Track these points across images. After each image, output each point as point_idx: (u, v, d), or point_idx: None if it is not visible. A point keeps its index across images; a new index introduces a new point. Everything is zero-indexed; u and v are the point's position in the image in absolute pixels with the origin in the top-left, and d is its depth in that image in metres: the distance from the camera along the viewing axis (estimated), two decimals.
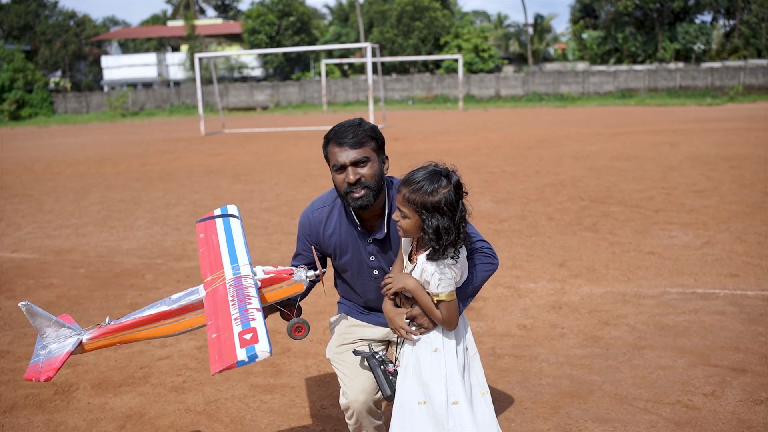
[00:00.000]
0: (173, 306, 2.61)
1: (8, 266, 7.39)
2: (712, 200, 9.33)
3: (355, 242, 2.88)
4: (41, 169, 16.61)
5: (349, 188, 2.67)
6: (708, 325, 4.93)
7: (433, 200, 2.39)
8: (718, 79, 41.40)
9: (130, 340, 2.62)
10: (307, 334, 2.61)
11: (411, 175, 2.46)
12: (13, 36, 56.12)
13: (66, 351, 2.51)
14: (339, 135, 2.67)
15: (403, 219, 2.49)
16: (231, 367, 2.20)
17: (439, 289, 2.49)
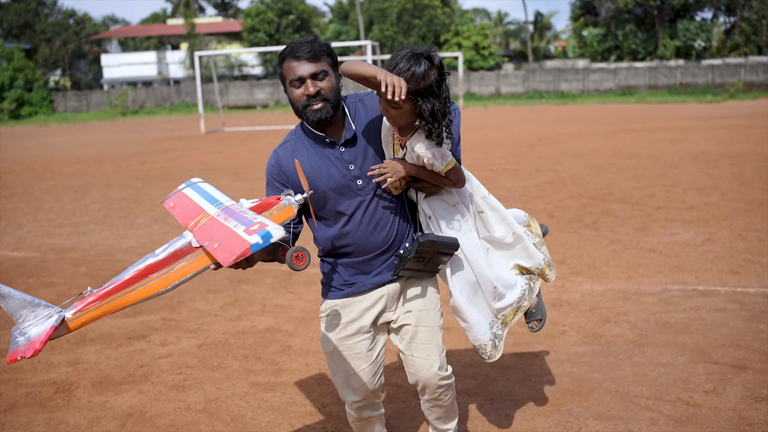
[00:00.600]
0: (160, 257, 2.34)
1: (8, 265, 7.39)
2: (713, 197, 9.32)
3: (327, 158, 2.72)
4: (41, 167, 16.61)
5: (307, 101, 2.61)
6: (709, 323, 4.93)
7: (426, 83, 2.38)
8: (718, 77, 41.34)
9: (120, 307, 2.32)
10: (308, 264, 2.43)
11: (394, 63, 2.41)
12: (12, 35, 56.07)
13: (49, 326, 2.22)
14: (295, 49, 2.60)
15: (392, 109, 2.45)
16: (245, 254, 2.03)
17: (443, 164, 2.53)
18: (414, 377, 2.91)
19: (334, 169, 2.70)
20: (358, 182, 2.71)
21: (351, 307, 2.86)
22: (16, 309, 2.24)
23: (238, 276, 6.64)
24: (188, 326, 5.36)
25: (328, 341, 2.91)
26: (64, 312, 2.27)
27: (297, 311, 5.61)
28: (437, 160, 2.51)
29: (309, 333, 5.11)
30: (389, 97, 2.32)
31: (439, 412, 3.02)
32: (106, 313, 2.30)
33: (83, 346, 5.01)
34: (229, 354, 4.77)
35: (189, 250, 2.34)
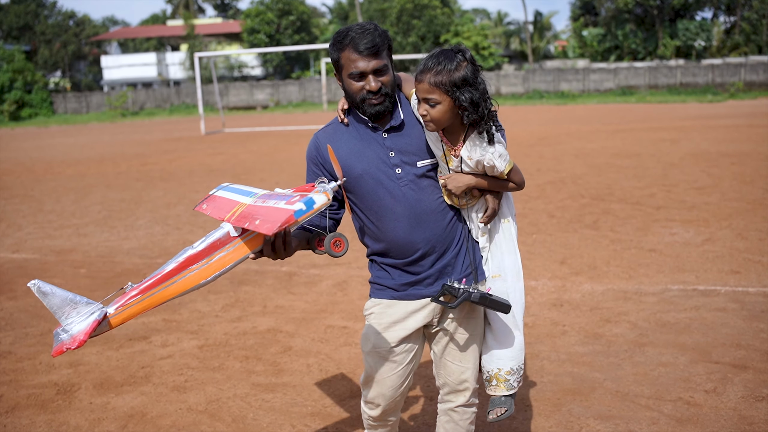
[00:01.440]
0: (198, 248, 2.32)
1: (9, 267, 7.39)
2: (713, 197, 9.33)
3: (368, 143, 2.64)
4: (42, 169, 16.62)
5: (367, 95, 2.55)
6: (709, 322, 4.93)
7: (460, 74, 2.37)
8: (718, 76, 41.33)
9: (161, 301, 2.30)
10: (346, 250, 2.40)
11: (426, 62, 2.42)
12: (12, 36, 56.09)
13: (93, 320, 2.20)
14: (358, 41, 2.49)
15: (432, 108, 2.41)
16: (289, 221, 2.00)
17: (504, 165, 2.47)
18: (442, 379, 2.83)
19: (373, 153, 2.62)
20: (397, 171, 2.60)
21: (395, 308, 2.74)
22: (58, 306, 2.23)
23: (238, 277, 6.64)
24: (189, 327, 5.36)
25: (367, 340, 2.79)
26: (106, 308, 2.25)
27: (298, 312, 5.61)
28: (497, 160, 2.44)
29: (310, 334, 5.11)
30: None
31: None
32: (148, 307, 2.29)
33: (84, 347, 5.01)
34: (230, 355, 4.78)
35: (228, 240, 2.33)
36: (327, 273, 6.66)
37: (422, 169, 2.62)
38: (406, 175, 2.61)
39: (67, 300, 2.22)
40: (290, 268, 6.90)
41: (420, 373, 4.33)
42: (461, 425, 2.87)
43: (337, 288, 6.21)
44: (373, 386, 2.80)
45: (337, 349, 4.81)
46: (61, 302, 2.22)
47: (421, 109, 2.45)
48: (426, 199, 2.62)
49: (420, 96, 2.43)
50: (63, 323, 2.23)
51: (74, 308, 2.23)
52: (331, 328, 5.20)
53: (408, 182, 2.61)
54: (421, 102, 2.44)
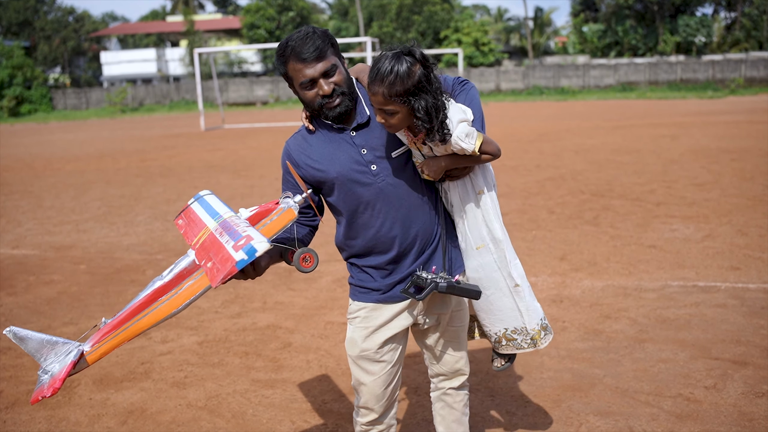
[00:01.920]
0: (167, 279, 2.34)
1: (9, 263, 7.39)
2: (713, 193, 9.32)
3: (339, 143, 2.58)
4: (41, 165, 16.61)
5: (323, 100, 2.50)
6: (709, 318, 4.93)
7: (413, 82, 2.30)
8: (719, 72, 41.30)
9: (136, 333, 2.32)
10: (316, 266, 2.38)
11: (377, 69, 2.34)
12: (11, 32, 56.04)
13: (69, 362, 2.24)
14: (299, 50, 2.44)
15: (390, 117, 2.36)
16: (232, 272, 2.03)
17: (473, 143, 2.42)
18: (436, 369, 2.85)
19: (345, 155, 2.56)
20: (372, 168, 2.55)
21: (380, 311, 2.71)
22: (36, 349, 2.28)
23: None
24: (189, 323, 5.36)
25: (354, 345, 2.75)
26: (82, 346, 2.29)
27: (297, 308, 5.61)
28: (463, 142, 2.40)
29: (309, 330, 5.11)
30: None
31: (450, 419, 2.91)
32: (123, 341, 2.32)
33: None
34: (229, 351, 4.78)
35: (194, 268, 2.34)
36: (327, 269, 6.66)
37: (398, 159, 2.57)
38: (382, 171, 2.56)
39: (44, 342, 2.28)
40: None
41: (419, 369, 4.33)
42: (456, 407, 2.90)
43: (336, 284, 6.21)
44: (364, 390, 2.76)
45: (336, 345, 4.81)
46: (39, 345, 2.28)
47: (379, 118, 2.40)
48: (405, 195, 2.59)
49: (376, 107, 2.38)
50: (42, 365, 2.29)
51: (52, 349, 2.29)
52: (331, 325, 5.20)
53: (385, 177, 2.56)
54: (377, 110, 2.39)
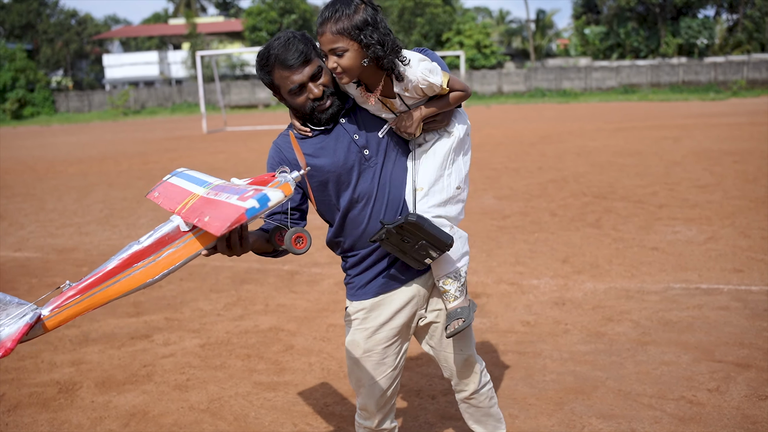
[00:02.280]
0: (145, 244, 2.10)
1: (11, 265, 7.39)
2: (716, 195, 9.31)
3: (331, 135, 2.58)
4: (43, 168, 16.62)
5: (315, 104, 2.49)
6: (712, 321, 4.92)
7: (360, 17, 2.31)
8: (721, 74, 41.28)
9: (103, 301, 2.08)
10: (309, 246, 2.27)
11: (323, 13, 2.33)
12: (14, 35, 56.14)
13: (23, 324, 1.97)
14: (282, 56, 2.42)
15: (340, 58, 2.33)
16: (240, 220, 1.85)
17: (440, 78, 2.42)
18: (448, 371, 2.82)
19: (341, 144, 2.56)
20: (365, 152, 2.56)
21: (380, 310, 2.68)
22: None
23: (240, 276, 6.64)
24: (191, 326, 5.36)
25: (357, 346, 2.72)
26: (40, 309, 2.03)
27: (300, 311, 5.61)
28: (431, 76, 2.39)
29: (312, 332, 5.10)
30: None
31: (478, 415, 2.89)
32: (89, 308, 2.07)
33: (86, 346, 5.02)
34: (231, 353, 4.77)
35: (177, 235, 2.14)
36: (329, 271, 6.66)
37: (385, 137, 2.58)
38: (373, 153, 2.57)
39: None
40: (292, 266, 6.90)
41: (422, 372, 4.33)
42: (483, 406, 2.88)
43: (338, 286, 6.21)
44: (364, 393, 2.75)
45: (338, 347, 4.81)
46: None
47: (330, 62, 2.36)
48: (399, 174, 2.59)
49: (326, 49, 2.34)
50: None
51: (3, 309, 2.01)
52: (333, 327, 5.19)
53: (378, 159, 2.57)
54: (328, 56, 2.36)
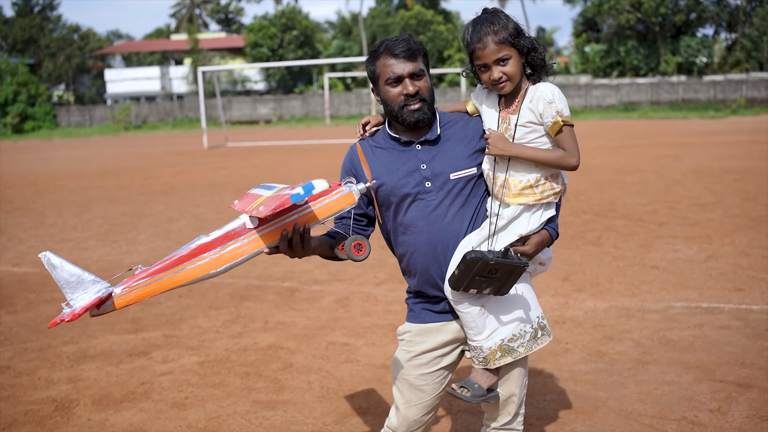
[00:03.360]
0: (212, 237, 2.31)
1: (9, 280, 7.37)
2: (716, 213, 9.30)
3: (401, 154, 2.61)
4: (44, 182, 16.63)
5: (405, 101, 2.53)
6: (713, 340, 4.89)
7: (513, 25, 2.45)
8: (720, 92, 41.39)
9: (169, 287, 2.28)
10: (368, 254, 2.39)
11: (478, 30, 2.45)
12: (17, 50, 56.31)
13: (95, 297, 2.22)
14: (392, 46, 2.51)
15: (504, 66, 2.44)
16: (284, 204, 2.06)
17: (565, 111, 2.49)
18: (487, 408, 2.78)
19: (405, 167, 2.58)
20: (426, 184, 2.56)
21: (425, 337, 2.68)
22: (65, 280, 2.24)
23: (240, 293, 6.62)
24: (190, 343, 5.33)
25: (397, 366, 2.75)
26: (112, 288, 2.26)
27: (299, 328, 5.58)
28: (559, 99, 2.47)
29: (311, 350, 5.08)
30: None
31: None
32: (155, 292, 2.27)
33: (84, 362, 4.99)
34: (230, 371, 4.75)
35: (243, 231, 2.31)
36: (329, 289, 6.64)
37: (454, 181, 2.57)
38: (435, 188, 2.57)
39: (75, 275, 2.24)
40: (292, 283, 6.88)
41: None
42: None
43: (338, 304, 6.18)
44: (397, 414, 2.75)
45: (338, 366, 4.78)
46: (69, 276, 2.23)
47: (495, 73, 2.44)
48: (449, 221, 2.57)
49: (489, 60, 2.44)
50: (68, 298, 2.24)
51: (80, 284, 2.24)
52: (333, 345, 5.17)
53: (436, 196, 2.56)
54: (491, 67, 2.45)
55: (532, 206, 2.52)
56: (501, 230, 2.52)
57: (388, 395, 4.27)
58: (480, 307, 2.54)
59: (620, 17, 46.00)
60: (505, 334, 2.57)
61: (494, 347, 2.57)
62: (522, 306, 2.60)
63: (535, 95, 2.47)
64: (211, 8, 65.82)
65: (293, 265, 7.55)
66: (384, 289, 6.52)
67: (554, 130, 2.46)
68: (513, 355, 2.57)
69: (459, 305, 2.55)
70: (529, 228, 2.52)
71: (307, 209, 2.34)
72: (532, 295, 2.64)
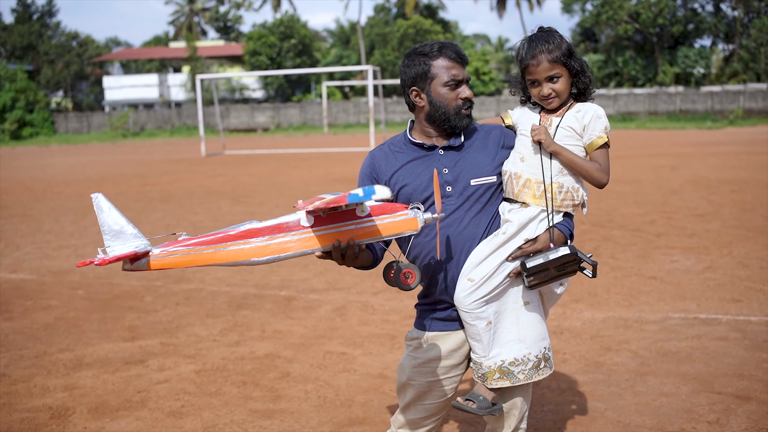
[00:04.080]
0: (263, 224, 2.25)
1: (6, 287, 7.35)
2: (714, 224, 9.31)
3: (424, 159, 2.64)
4: (41, 188, 16.61)
5: (463, 104, 2.59)
6: (711, 351, 4.89)
7: (566, 46, 2.55)
8: (717, 103, 41.50)
9: (208, 262, 2.23)
10: (418, 281, 2.37)
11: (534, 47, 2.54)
12: (15, 56, 56.34)
13: (131, 249, 2.19)
14: (451, 49, 2.57)
15: (555, 83, 2.54)
16: (341, 200, 2.05)
17: (604, 127, 2.56)
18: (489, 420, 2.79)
19: (427, 170, 2.61)
20: (447, 188, 2.60)
21: (432, 344, 2.71)
22: (108, 226, 2.21)
23: (237, 301, 6.60)
24: (186, 351, 5.31)
25: (401, 371, 2.77)
26: (151, 247, 2.23)
27: (296, 337, 5.57)
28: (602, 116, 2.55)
29: (308, 359, 5.06)
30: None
31: None
32: (192, 263, 2.23)
33: (80, 370, 4.96)
34: (227, 380, 4.73)
35: (296, 227, 2.26)
36: (326, 298, 6.62)
37: (474, 188, 2.60)
38: (455, 193, 2.60)
39: (119, 224, 2.22)
40: (289, 292, 6.86)
41: None
42: None
43: (336, 313, 6.17)
44: (402, 415, 2.78)
45: (335, 375, 4.76)
46: (113, 223, 2.21)
47: (546, 89, 2.54)
48: (474, 218, 2.60)
49: (541, 77, 2.54)
50: (106, 245, 2.22)
51: (121, 234, 2.21)
52: (330, 354, 5.15)
53: (455, 200, 2.59)
54: (542, 84, 2.54)
55: (541, 217, 2.57)
56: (513, 236, 2.55)
57: (385, 405, 4.25)
58: (488, 322, 2.56)
59: (618, 28, 46.16)
60: (506, 356, 2.58)
61: (494, 367, 2.59)
62: (531, 332, 2.61)
63: (584, 108, 2.57)
64: (210, 16, 65.93)
65: (290, 273, 7.53)
66: (381, 299, 6.51)
67: (596, 144, 2.55)
68: (511, 380, 2.59)
69: (467, 316, 2.57)
70: (536, 232, 2.56)
71: (366, 223, 2.29)
72: (543, 325, 2.65)
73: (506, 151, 2.67)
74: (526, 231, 2.55)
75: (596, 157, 2.56)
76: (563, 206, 2.58)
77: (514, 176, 2.59)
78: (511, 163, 2.63)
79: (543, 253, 2.50)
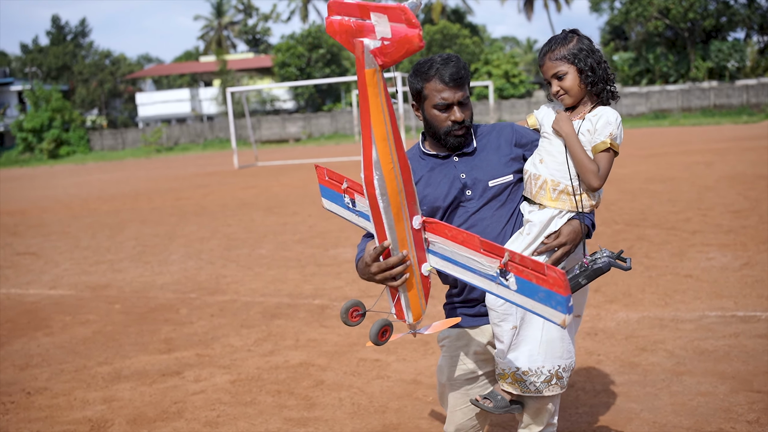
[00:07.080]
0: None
1: (46, 303, 7.49)
2: (751, 220, 9.15)
3: (440, 168, 2.68)
4: (78, 205, 16.91)
5: (452, 127, 2.60)
6: (750, 349, 4.81)
7: (573, 44, 2.59)
8: (753, 96, 40.81)
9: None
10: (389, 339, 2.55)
11: (542, 48, 2.65)
12: (51, 77, 57.49)
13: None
14: (443, 71, 2.55)
15: (561, 81, 2.59)
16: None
17: (618, 138, 2.59)
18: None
19: (446, 178, 2.67)
20: (467, 192, 2.66)
21: (464, 341, 2.77)
22: None
23: (271, 311, 6.65)
24: (222, 362, 5.37)
25: (440, 372, 2.84)
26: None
27: (330, 345, 5.60)
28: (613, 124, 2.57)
29: (342, 367, 5.08)
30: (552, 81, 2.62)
31: None
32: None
33: (118, 383, 5.05)
34: (262, 389, 4.77)
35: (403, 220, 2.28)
36: None
37: (493, 188, 2.65)
38: (476, 196, 2.65)
39: None
40: (322, 301, 6.90)
41: None
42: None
43: (368, 320, 6.17)
44: (449, 417, 2.83)
45: (369, 382, 4.78)
46: None
47: (554, 86, 2.61)
48: (490, 226, 2.65)
49: (548, 75, 2.62)
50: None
51: None
52: (364, 362, 5.17)
53: (477, 203, 2.65)
54: (551, 82, 2.62)
55: (562, 212, 2.62)
56: (538, 237, 2.59)
57: (419, 411, 4.26)
58: (513, 326, 2.58)
59: (648, 24, 45.63)
60: (521, 364, 2.60)
61: (507, 372, 2.63)
62: (550, 347, 2.61)
63: (600, 112, 2.61)
64: (239, 29, 66.62)
65: (324, 282, 7.57)
66: None
67: (600, 148, 2.58)
68: (522, 389, 2.62)
69: (495, 317, 2.60)
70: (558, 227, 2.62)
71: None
72: (567, 343, 2.64)
73: (519, 149, 2.72)
74: (548, 230, 2.61)
75: (597, 160, 2.59)
76: (580, 207, 2.65)
77: (533, 177, 2.64)
78: (531, 164, 2.67)
79: (579, 272, 2.57)
